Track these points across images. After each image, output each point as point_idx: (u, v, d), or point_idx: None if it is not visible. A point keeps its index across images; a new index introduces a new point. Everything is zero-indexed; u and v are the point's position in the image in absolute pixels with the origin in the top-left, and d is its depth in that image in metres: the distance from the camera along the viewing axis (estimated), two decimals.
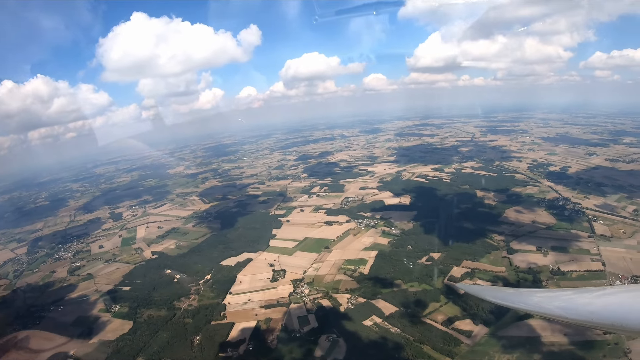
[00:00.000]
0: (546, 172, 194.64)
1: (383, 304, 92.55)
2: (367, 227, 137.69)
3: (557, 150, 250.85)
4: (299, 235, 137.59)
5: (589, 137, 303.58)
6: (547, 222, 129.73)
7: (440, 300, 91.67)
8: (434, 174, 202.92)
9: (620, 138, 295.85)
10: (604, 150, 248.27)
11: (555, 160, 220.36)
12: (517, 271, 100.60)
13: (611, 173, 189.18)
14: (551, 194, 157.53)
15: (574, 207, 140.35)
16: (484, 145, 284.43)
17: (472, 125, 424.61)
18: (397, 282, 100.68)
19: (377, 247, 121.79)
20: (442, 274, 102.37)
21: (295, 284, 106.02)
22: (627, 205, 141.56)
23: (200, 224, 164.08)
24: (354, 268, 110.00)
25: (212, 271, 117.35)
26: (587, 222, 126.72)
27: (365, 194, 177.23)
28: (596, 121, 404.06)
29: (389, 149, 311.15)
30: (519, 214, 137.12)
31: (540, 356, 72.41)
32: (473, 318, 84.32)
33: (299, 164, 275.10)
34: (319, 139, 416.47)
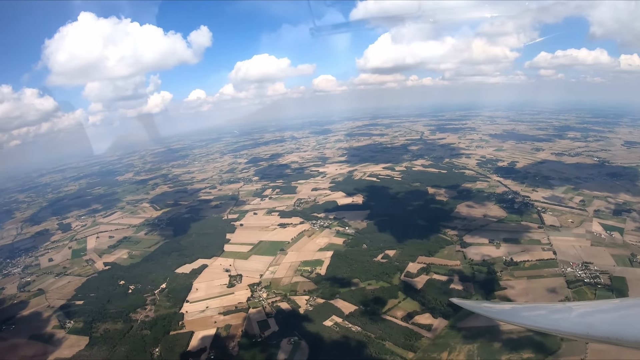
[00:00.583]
0: (495, 167, 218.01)
1: (342, 304, 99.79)
2: (322, 228, 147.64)
3: (504, 147, 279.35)
4: (254, 239, 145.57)
5: (535, 133, 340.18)
6: (498, 215, 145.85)
7: (398, 297, 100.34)
8: (385, 172, 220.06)
9: (565, 133, 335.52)
10: (550, 145, 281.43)
11: (503, 156, 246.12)
12: (471, 264, 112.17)
13: (557, 166, 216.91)
14: (500, 188, 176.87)
15: (523, 200, 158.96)
16: (434, 143, 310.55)
17: (421, 124, 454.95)
18: (354, 281, 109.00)
19: (332, 247, 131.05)
20: (398, 271, 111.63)
21: (252, 288, 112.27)
22: (574, 196, 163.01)
23: (152, 231, 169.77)
24: (311, 269, 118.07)
25: (167, 280, 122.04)
26: (536, 214, 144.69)
27: (317, 195, 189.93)
28: (541, 118, 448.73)
29: (340, 149, 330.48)
30: (470, 209, 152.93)
31: (500, 344, 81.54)
32: (432, 312, 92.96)
33: (250, 167, 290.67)
34: (269, 142, 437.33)
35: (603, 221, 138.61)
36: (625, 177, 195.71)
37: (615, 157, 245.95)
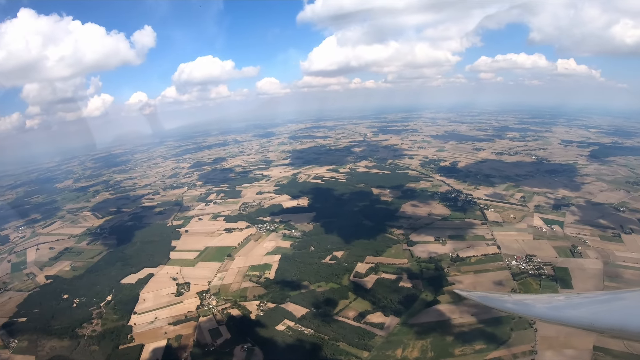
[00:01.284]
0: (437, 167, 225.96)
1: (293, 307, 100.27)
2: (268, 232, 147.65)
3: (446, 147, 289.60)
4: (200, 245, 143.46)
5: (476, 133, 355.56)
6: (442, 213, 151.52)
7: (349, 297, 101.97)
8: (329, 174, 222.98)
9: (504, 133, 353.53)
10: (490, 145, 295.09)
11: (445, 156, 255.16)
12: (419, 262, 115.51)
13: (498, 165, 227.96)
14: (444, 187, 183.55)
15: (466, 198, 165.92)
16: (377, 145, 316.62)
17: (364, 126, 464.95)
18: (304, 284, 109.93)
19: (279, 250, 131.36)
20: (347, 272, 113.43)
21: (201, 296, 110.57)
22: (515, 193, 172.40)
23: (94, 241, 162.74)
24: (260, 274, 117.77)
25: (113, 291, 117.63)
26: (479, 211, 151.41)
27: (262, 199, 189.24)
28: (481, 119, 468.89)
29: (284, 152, 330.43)
30: (415, 208, 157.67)
31: (452, 337, 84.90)
32: (383, 310, 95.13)
33: (193, 172, 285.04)
34: (212, 145, 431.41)
35: (544, 215, 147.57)
36: (563, 174, 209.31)
37: (552, 155, 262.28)
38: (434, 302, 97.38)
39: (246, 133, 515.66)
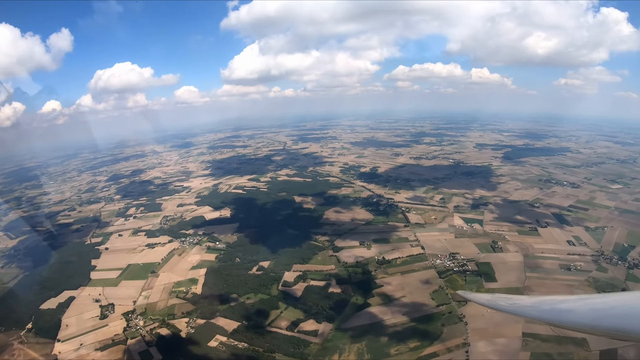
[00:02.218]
0: (358, 173, 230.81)
1: (224, 322, 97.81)
2: (192, 245, 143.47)
3: (365, 153, 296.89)
4: (122, 263, 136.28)
5: (394, 139, 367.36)
6: (365, 218, 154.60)
7: (280, 307, 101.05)
8: (251, 184, 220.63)
9: (421, 139, 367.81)
10: (408, 150, 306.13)
11: (365, 162, 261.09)
12: (346, 267, 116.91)
13: (416, 169, 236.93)
14: (365, 192, 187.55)
15: (387, 202, 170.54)
16: (297, 153, 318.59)
17: (283, 134, 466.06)
18: (233, 297, 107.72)
19: (205, 264, 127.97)
20: (275, 281, 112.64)
21: (127, 317, 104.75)
22: (434, 195, 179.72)
23: (8, 264, 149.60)
24: (186, 289, 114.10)
25: (32, 318, 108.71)
26: (401, 214, 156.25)
27: (184, 211, 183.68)
28: (399, 125, 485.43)
29: (203, 162, 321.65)
30: (338, 214, 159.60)
31: (386, 338, 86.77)
32: (315, 317, 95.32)
33: (111, 185, 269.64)
34: (129, 157, 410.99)
35: (463, 215, 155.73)
36: (479, 175, 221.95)
37: (468, 158, 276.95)
38: (365, 305, 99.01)
39: (164, 143, 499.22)
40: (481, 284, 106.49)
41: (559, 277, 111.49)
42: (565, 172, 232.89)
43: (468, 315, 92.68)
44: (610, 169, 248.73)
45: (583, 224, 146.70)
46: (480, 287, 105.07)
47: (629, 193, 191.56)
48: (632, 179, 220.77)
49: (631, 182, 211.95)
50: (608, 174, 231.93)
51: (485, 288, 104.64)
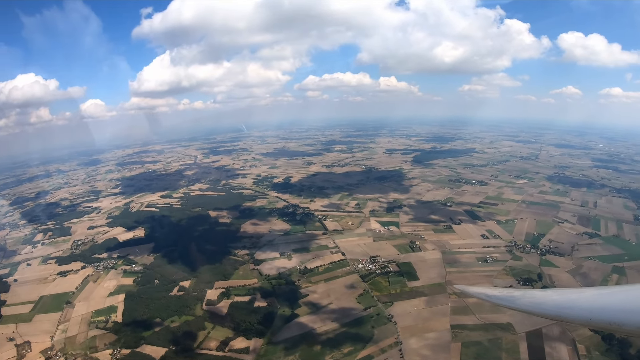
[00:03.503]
0: (271, 184, 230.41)
1: (151, 349, 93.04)
2: (107, 270, 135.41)
3: (277, 164, 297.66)
4: (34, 295, 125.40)
5: (305, 149, 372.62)
6: (283, 228, 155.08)
7: (206, 327, 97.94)
8: (163, 201, 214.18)
9: (332, 147, 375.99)
10: (320, 159, 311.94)
11: (278, 173, 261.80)
12: (269, 279, 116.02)
13: (330, 177, 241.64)
14: (280, 203, 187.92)
15: (303, 211, 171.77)
16: (209, 167, 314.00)
17: (194, 148, 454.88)
18: (156, 321, 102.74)
19: (123, 289, 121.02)
20: (198, 301, 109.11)
21: (47, 354, 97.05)
22: (350, 201, 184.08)
23: None
24: (106, 318, 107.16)
25: None
26: (318, 222, 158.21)
27: (95, 234, 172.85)
28: (309, 135, 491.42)
29: (112, 180, 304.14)
30: (256, 227, 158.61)
31: (319, 346, 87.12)
32: (245, 334, 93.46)
33: (14, 210, 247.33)
34: (33, 177, 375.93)
35: (379, 219, 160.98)
36: (391, 179, 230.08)
37: (379, 163, 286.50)
38: (294, 316, 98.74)
39: (70, 161, 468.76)
40: (404, 283, 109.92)
41: (477, 269, 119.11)
42: (473, 172, 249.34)
43: (396, 314, 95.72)
44: (515, 166, 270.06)
45: (494, 218, 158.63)
46: (403, 286, 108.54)
47: (533, 187, 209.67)
48: (535, 173, 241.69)
49: (535, 177, 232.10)
50: (513, 170, 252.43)
51: (408, 287, 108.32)
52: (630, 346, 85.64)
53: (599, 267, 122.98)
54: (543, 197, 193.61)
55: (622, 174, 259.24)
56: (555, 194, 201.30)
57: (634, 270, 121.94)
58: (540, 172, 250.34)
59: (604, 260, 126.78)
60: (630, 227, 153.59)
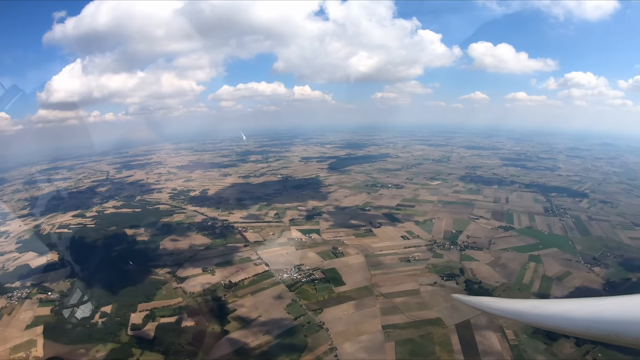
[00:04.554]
0: (188, 198, 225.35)
1: None
2: (21, 301, 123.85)
3: (193, 177, 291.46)
4: None
5: (220, 160, 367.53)
6: (203, 243, 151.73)
7: (134, 354, 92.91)
8: (76, 221, 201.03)
9: (247, 157, 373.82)
10: (236, 170, 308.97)
11: (194, 186, 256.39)
12: (194, 297, 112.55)
13: (247, 188, 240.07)
14: (198, 217, 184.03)
15: (223, 224, 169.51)
16: (122, 182, 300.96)
17: (105, 162, 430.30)
18: (80, 352, 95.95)
19: (40, 320, 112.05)
20: (122, 326, 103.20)
21: None
22: (269, 211, 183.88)
23: None
24: (26, 354, 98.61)
25: None
26: (239, 234, 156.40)
27: (5, 261, 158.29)
28: (223, 146, 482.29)
29: (20, 201, 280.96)
30: (175, 243, 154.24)
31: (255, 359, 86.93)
32: (176, 357, 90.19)
33: None
34: None
35: (300, 227, 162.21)
36: (309, 187, 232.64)
37: (296, 171, 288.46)
38: (224, 333, 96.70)
39: None
40: (331, 289, 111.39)
41: (401, 269, 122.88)
42: (389, 176, 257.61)
43: (327, 321, 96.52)
44: (428, 168, 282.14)
45: (413, 219, 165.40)
46: (331, 292, 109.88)
47: (448, 187, 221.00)
48: (448, 174, 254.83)
49: (448, 178, 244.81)
50: (427, 172, 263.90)
51: (336, 293, 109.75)
52: None
53: (516, 257, 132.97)
54: (457, 196, 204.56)
55: (529, 171, 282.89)
56: (469, 192, 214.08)
57: (549, 257, 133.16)
58: (453, 173, 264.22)
59: (520, 251, 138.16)
60: (541, 219, 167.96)
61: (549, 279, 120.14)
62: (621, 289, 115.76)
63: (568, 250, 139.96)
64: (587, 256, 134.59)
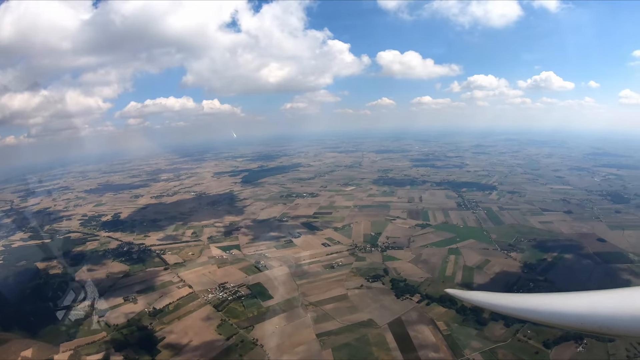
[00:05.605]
0: (100, 223, 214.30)
1: None
2: None
3: (104, 200, 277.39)
4: None
5: (131, 181, 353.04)
6: (121, 270, 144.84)
7: None
8: None
9: (158, 176, 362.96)
10: (148, 190, 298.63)
11: (105, 210, 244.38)
12: (118, 329, 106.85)
13: (160, 208, 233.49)
14: (113, 243, 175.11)
15: (139, 248, 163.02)
16: (28, 211, 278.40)
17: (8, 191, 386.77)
18: None
19: None
20: None
21: None
22: (185, 231, 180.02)
23: None
24: None
25: None
26: (158, 258, 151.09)
27: None
28: (133, 165, 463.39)
29: None
30: (92, 273, 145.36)
31: None
32: None
33: None
34: None
35: (219, 244, 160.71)
36: (224, 203, 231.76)
37: (209, 188, 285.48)
38: None
39: None
40: (260, 304, 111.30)
41: (326, 276, 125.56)
42: (303, 185, 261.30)
43: (260, 337, 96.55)
44: (341, 175, 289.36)
45: (331, 226, 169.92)
46: (260, 308, 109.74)
47: (362, 191, 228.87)
48: (361, 179, 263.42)
49: (361, 182, 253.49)
50: (340, 179, 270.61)
51: (264, 307, 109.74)
52: (482, 311, 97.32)
53: (436, 252, 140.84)
54: (373, 199, 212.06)
55: (439, 170, 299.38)
56: (383, 195, 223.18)
57: (467, 248, 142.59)
58: (365, 177, 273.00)
59: (439, 246, 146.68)
60: (455, 213, 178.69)
61: (470, 268, 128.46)
62: (538, 269, 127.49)
63: (484, 240, 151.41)
64: (502, 244, 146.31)
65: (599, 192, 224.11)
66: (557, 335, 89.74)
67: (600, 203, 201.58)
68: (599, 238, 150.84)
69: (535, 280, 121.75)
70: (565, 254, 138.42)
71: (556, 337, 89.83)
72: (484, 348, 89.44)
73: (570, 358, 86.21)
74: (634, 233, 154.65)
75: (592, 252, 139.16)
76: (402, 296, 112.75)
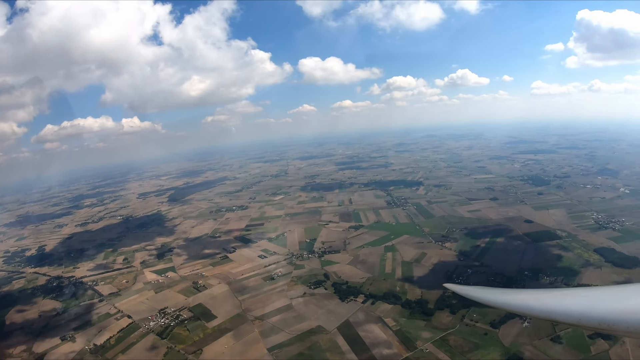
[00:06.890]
0: (25, 258, 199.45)
1: None
2: None
3: (25, 234, 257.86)
4: None
5: (52, 210, 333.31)
6: (54, 307, 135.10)
7: None
8: None
9: (81, 202, 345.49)
10: (71, 218, 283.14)
11: (29, 244, 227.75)
12: None
13: (87, 236, 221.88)
14: (41, 279, 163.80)
15: (70, 282, 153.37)
16: None
17: None
18: None
19: None
20: None
21: None
22: (116, 258, 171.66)
23: None
24: None
25: None
26: (91, 290, 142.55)
27: None
28: (53, 193, 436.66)
29: None
30: (23, 314, 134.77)
31: None
32: None
33: None
34: None
35: (153, 268, 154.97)
36: (153, 224, 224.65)
37: (136, 210, 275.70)
38: None
39: None
40: (204, 326, 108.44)
41: (268, 288, 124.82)
42: (231, 198, 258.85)
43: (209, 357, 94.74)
44: (268, 185, 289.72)
45: (265, 237, 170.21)
46: (205, 329, 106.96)
47: (291, 199, 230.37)
48: (289, 187, 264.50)
49: (290, 190, 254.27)
50: (268, 189, 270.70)
51: (210, 328, 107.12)
52: (427, 302, 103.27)
53: (373, 251, 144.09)
54: (303, 206, 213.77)
55: (365, 171, 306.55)
56: (313, 200, 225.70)
57: (402, 244, 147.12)
58: (293, 185, 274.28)
59: (374, 245, 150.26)
60: (386, 212, 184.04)
61: (408, 263, 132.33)
62: (473, 255, 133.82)
63: (418, 234, 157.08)
64: (436, 235, 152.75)
65: (521, 177, 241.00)
66: (502, 315, 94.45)
67: (522, 187, 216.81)
68: (526, 220, 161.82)
69: (472, 266, 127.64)
70: (496, 238, 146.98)
71: (501, 317, 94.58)
72: (434, 337, 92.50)
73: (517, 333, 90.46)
74: (557, 212, 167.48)
75: (522, 233, 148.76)
76: (346, 299, 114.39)
